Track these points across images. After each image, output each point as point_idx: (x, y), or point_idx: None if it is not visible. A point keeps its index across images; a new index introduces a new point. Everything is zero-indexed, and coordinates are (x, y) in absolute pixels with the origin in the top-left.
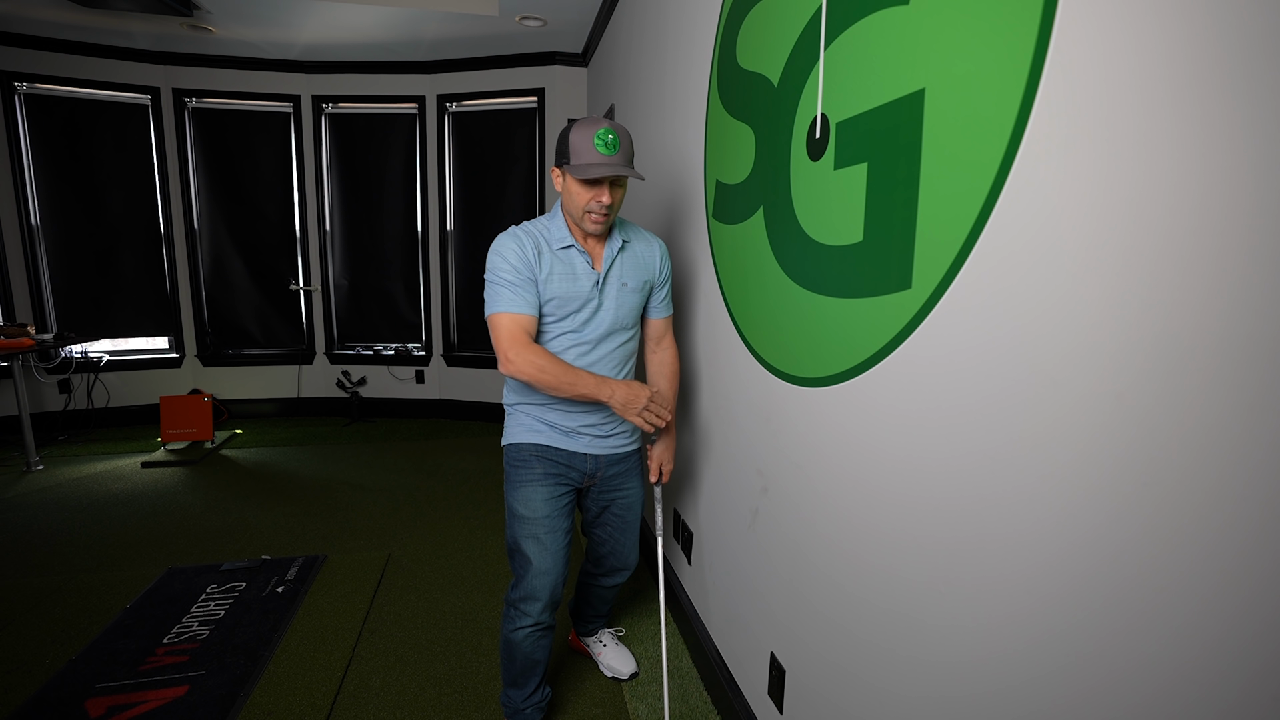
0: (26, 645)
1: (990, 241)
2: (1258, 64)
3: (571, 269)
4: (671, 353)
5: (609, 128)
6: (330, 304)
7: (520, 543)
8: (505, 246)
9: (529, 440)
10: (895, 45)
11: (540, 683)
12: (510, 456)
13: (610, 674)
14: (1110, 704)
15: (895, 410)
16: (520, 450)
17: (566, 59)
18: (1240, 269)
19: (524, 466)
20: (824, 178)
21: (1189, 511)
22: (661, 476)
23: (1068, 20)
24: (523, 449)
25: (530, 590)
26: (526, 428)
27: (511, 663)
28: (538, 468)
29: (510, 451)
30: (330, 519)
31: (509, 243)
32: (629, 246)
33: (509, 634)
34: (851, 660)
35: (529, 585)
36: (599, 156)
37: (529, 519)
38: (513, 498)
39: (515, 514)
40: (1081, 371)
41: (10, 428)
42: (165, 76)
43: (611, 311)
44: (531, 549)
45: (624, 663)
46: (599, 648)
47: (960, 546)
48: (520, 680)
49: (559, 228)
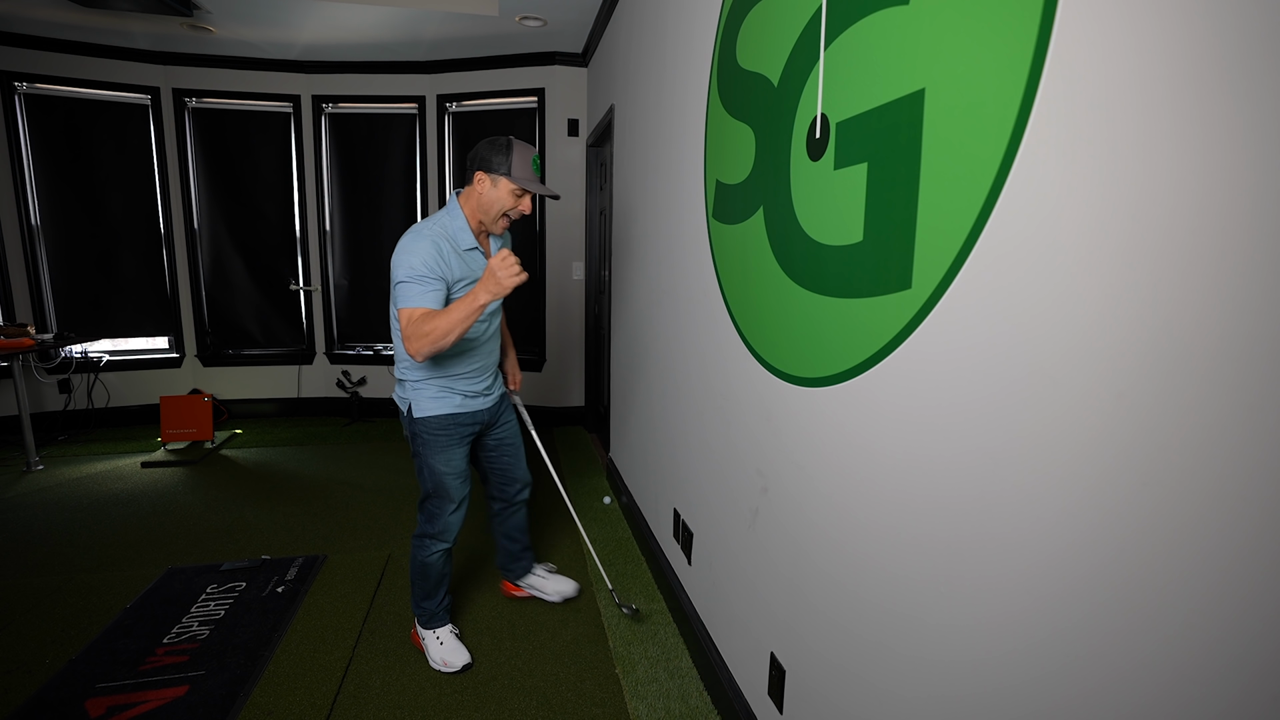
0: (26, 645)
1: (990, 241)
2: (1258, 64)
3: (474, 269)
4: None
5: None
6: (330, 304)
7: (445, 489)
8: (422, 250)
9: (443, 411)
10: (895, 45)
11: (446, 591)
12: (428, 427)
13: (560, 598)
14: (1110, 704)
15: (896, 410)
16: (438, 421)
17: (566, 59)
18: (1240, 269)
19: (444, 433)
20: (824, 178)
21: (1189, 511)
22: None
23: (1068, 20)
24: (440, 419)
25: (447, 524)
26: (437, 399)
27: (426, 580)
28: (455, 433)
29: (428, 423)
30: (330, 519)
31: (425, 246)
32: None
33: (425, 559)
34: (852, 660)
35: (446, 521)
36: (534, 176)
37: (450, 473)
38: (435, 459)
39: (436, 470)
40: (1081, 371)
41: (10, 428)
42: (165, 76)
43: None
44: (455, 492)
45: (566, 585)
46: (539, 581)
47: (961, 545)
48: (434, 592)
49: (463, 230)
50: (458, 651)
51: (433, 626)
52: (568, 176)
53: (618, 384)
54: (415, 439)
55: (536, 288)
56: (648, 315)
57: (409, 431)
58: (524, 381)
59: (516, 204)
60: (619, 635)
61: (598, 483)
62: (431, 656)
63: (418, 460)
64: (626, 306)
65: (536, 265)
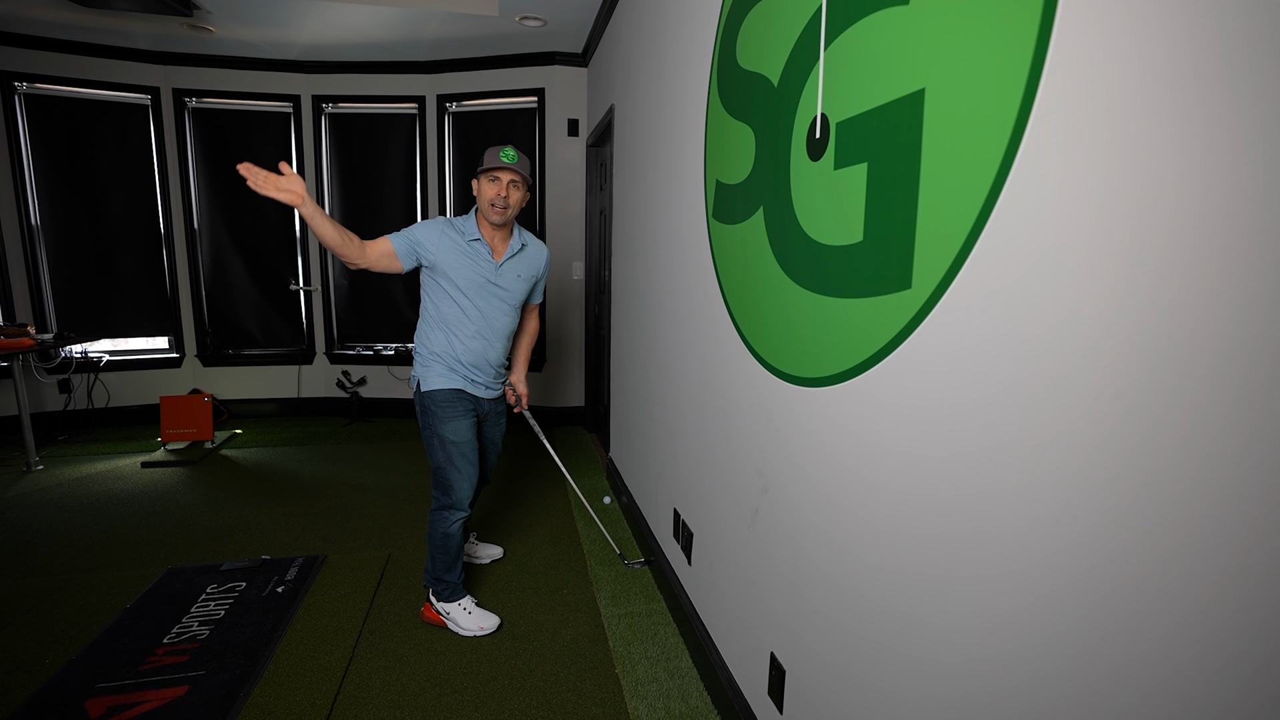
0: (26, 645)
1: (990, 241)
2: (1258, 64)
3: (474, 257)
4: (535, 323)
5: (512, 148)
6: (330, 304)
7: (454, 460)
8: (427, 224)
9: (449, 385)
10: (895, 45)
11: (461, 564)
12: (435, 399)
13: (490, 559)
14: (1110, 704)
15: (896, 409)
16: (445, 394)
17: (566, 59)
18: (1240, 269)
19: (450, 405)
20: (824, 178)
21: (1189, 511)
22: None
23: (1068, 20)
24: (446, 393)
25: (462, 494)
26: (443, 375)
27: (447, 553)
28: (460, 405)
29: (435, 395)
30: (330, 519)
31: (431, 226)
32: (526, 249)
33: (446, 530)
34: (852, 660)
35: (461, 491)
36: (499, 161)
37: (459, 443)
38: (444, 429)
39: (447, 440)
40: (1081, 371)
41: (10, 428)
42: (165, 76)
43: (506, 291)
44: (462, 465)
45: (492, 550)
46: (472, 548)
47: (961, 545)
48: (454, 564)
49: (470, 225)
50: (487, 615)
51: (457, 599)
52: (568, 176)
53: (618, 384)
54: (424, 412)
55: None
56: (648, 315)
57: (419, 406)
58: None
59: (492, 192)
60: (619, 635)
61: (598, 483)
62: (463, 626)
63: (427, 433)
64: (626, 306)
65: None
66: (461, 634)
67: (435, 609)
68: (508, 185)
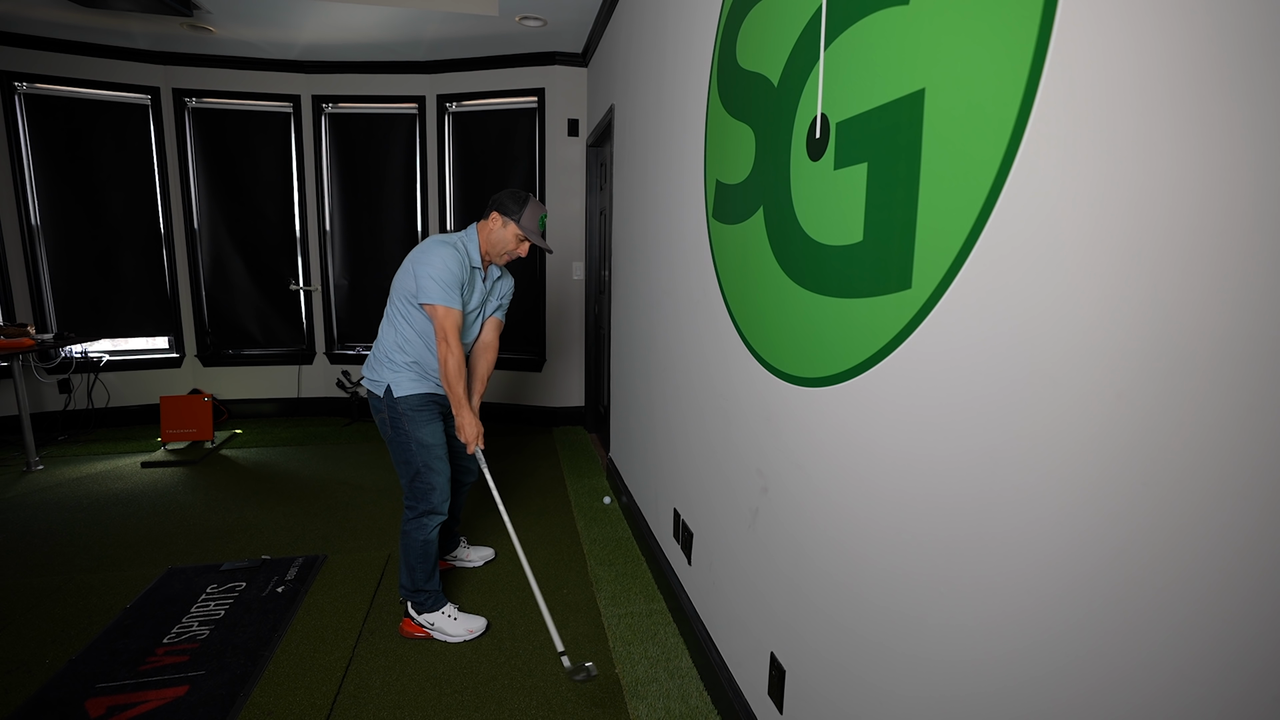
0: (26, 645)
1: (990, 241)
2: (1258, 64)
3: (475, 285)
4: (494, 351)
5: (546, 215)
6: (330, 304)
7: (431, 464)
8: (448, 256)
9: (422, 390)
10: (895, 45)
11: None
12: (409, 404)
13: (483, 561)
14: (1110, 704)
15: (896, 409)
16: (418, 399)
17: (566, 59)
18: (1240, 269)
19: (424, 409)
20: (824, 178)
21: (1189, 511)
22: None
23: (1068, 20)
24: (420, 397)
25: (441, 496)
26: (415, 381)
27: (427, 561)
28: (433, 409)
29: (409, 400)
30: (330, 519)
31: (451, 253)
32: (503, 277)
33: (427, 537)
34: (852, 660)
35: (440, 494)
36: (538, 230)
37: (435, 445)
38: (420, 433)
39: (424, 444)
40: (1081, 371)
41: (10, 428)
42: (165, 76)
43: (484, 315)
44: (439, 466)
45: (484, 552)
46: (465, 553)
47: (961, 545)
48: (433, 572)
49: (475, 251)
50: (473, 619)
51: (439, 607)
52: (568, 176)
53: (618, 384)
54: (397, 418)
55: (536, 288)
56: (648, 315)
57: (387, 412)
58: (524, 381)
59: (517, 247)
60: (619, 635)
61: (598, 483)
62: (451, 633)
63: (400, 440)
64: (626, 306)
65: (536, 265)
66: (451, 642)
67: (417, 622)
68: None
